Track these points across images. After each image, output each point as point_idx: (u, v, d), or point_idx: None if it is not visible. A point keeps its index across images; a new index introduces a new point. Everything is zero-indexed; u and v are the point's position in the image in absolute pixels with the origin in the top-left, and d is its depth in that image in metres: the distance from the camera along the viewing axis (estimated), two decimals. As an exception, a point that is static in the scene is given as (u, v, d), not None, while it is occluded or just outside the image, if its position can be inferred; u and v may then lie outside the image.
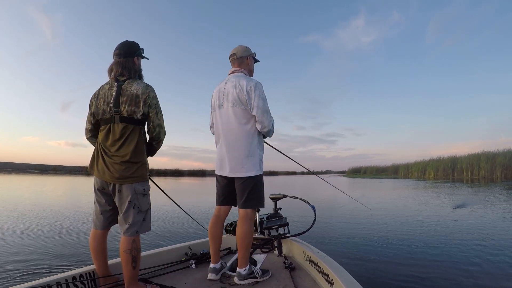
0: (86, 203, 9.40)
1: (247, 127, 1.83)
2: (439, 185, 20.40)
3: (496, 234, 4.87)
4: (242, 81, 1.84)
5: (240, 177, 1.83)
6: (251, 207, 1.84)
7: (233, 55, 1.98)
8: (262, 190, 1.89)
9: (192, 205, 8.69)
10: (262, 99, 1.82)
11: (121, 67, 1.68)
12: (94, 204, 1.71)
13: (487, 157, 33.10)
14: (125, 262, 1.56)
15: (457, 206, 8.45)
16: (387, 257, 3.66)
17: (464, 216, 6.75)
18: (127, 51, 1.72)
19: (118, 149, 1.60)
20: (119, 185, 1.59)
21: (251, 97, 1.80)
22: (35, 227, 5.36)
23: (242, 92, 1.80)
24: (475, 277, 2.97)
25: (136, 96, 1.62)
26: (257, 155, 1.84)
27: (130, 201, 1.58)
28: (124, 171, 1.58)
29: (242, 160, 1.81)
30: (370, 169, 58.61)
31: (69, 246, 4.10)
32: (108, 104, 1.63)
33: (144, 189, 1.64)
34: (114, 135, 1.61)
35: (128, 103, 1.61)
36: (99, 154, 1.65)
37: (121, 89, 1.63)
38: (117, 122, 1.61)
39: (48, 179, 26.05)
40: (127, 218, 1.59)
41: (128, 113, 1.61)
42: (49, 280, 1.54)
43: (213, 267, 1.90)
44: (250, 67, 2.03)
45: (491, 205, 8.82)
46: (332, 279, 1.60)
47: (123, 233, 1.59)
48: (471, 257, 3.62)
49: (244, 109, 1.82)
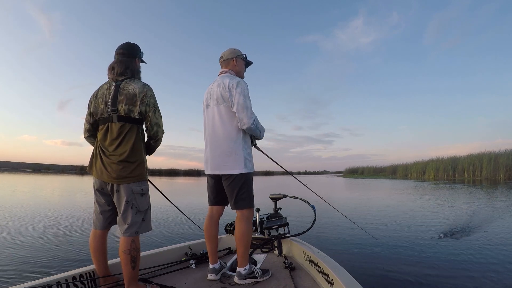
0: (83, 202, 9.42)
1: (231, 125, 1.84)
2: (442, 186, 20.02)
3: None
4: (225, 79, 1.88)
5: (226, 175, 1.83)
6: (243, 207, 1.83)
7: (221, 57, 2.06)
8: (251, 189, 1.88)
9: (191, 205, 8.71)
10: (243, 96, 1.82)
11: (124, 66, 1.69)
12: (94, 204, 1.71)
13: (489, 158, 32.49)
14: (125, 263, 1.56)
15: (472, 210, 7.70)
16: (387, 257, 3.65)
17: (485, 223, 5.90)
18: (130, 51, 1.75)
19: (116, 149, 1.60)
20: (116, 185, 1.58)
21: (232, 94, 1.82)
22: (35, 227, 5.37)
23: (225, 90, 1.84)
24: (476, 277, 2.96)
25: (133, 95, 1.62)
26: (241, 153, 1.83)
27: (128, 201, 1.57)
28: (121, 170, 1.57)
29: (225, 158, 1.82)
30: (367, 170, 57.90)
31: (69, 246, 4.10)
32: (106, 104, 1.63)
33: (142, 189, 1.63)
34: (112, 134, 1.61)
35: (125, 102, 1.61)
36: (97, 154, 1.65)
37: (119, 88, 1.64)
38: (114, 121, 1.62)
39: (39, 178, 25.90)
40: (126, 218, 1.58)
41: (125, 112, 1.61)
42: (49, 280, 1.54)
43: (212, 267, 1.90)
44: (238, 68, 2.05)
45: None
46: (332, 279, 1.59)
47: (122, 234, 1.58)
48: (473, 257, 3.61)
49: (227, 107, 1.84)
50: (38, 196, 11.43)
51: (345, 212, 3.84)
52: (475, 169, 33.35)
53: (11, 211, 7.20)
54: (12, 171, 45.21)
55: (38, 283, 1.50)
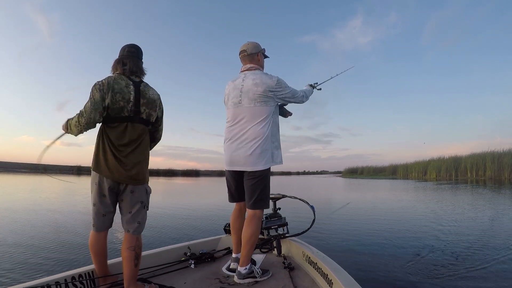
0: (81, 202, 9.44)
1: (264, 123, 1.85)
2: (448, 186, 19.57)
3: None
4: (264, 78, 1.87)
5: (249, 171, 1.84)
6: (260, 207, 1.86)
7: (244, 51, 1.97)
8: (268, 190, 1.91)
9: (191, 205, 8.70)
10: (289, 91, 1.93)
11: (136, 65, 1.71)
12: (95, 206, 1.63)
13: (493, 157, 31.81)
14: (128, 259, 1.57)
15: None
16: (387, 257, 3.63)
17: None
18: (140, 53, 1.78)
19: (134, 150, 1.61)
20: (132, 186, 1.60)
21: (282, 95, 1.90)
22: (34, 227, 5.39)
23: (267, 90, 1.83)
24: (476, 278, 2.94)
25: (154, 100, 1.72)
26: (269, 150, 1.87)
27: (142, 201, 1.64)
28: (140, 172, 1.62)
29: (256, 156, 1.82)
30: (367, 169, 56.87)
31: (68, 246, 4.11)
32: (127, 102, 1.60)
33: (150, 189, 1.74)
34: (131, 135, 1.60)
35: (148, 106, 1.68)
36: (108, 153, 1.56)
37: (139, 91, 1.65)
38: (136, 122, 1.63)
39: (32, 178, 25.75)
40: (137, 217, 1.62)
41: (147, 116, 1.68)
42: (48, 280, 1.54)
43: (235, 257, 1.99)
44: (261, 64, 2.03)
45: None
46: (331, 279, 1.59)
47: (131, 232, 1.61)
48: (475, 258, 3.58)
49: (266, 107, 1.85)
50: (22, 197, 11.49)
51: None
52: (478, 169, 32.71)
53: (8, 210, 7.24)
54: (8, 171, 45.03)
55: (37, 283, 1.50)
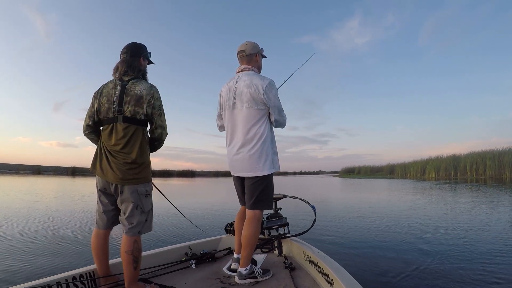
0: (81, 202, 9.44)
1: (261, 127, 1.82)
2: (448, 186, 19.29)
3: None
4: (256, 80, 1.81)
5: (251, 177, 1.82)
6: (260, 208, 1.84)
7: (242, 51, 1.92)
8: (271, 191, 1.89)
9: (191, 205, 8.70)
10: (278, 98, 1.85)
11: (126, 65, 1.69)
12: (97, 204, 1.71)
13: (493, 156, 31.59)
14: (126, 263, 1.57)
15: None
16: (388, 257, 3.63)
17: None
18: (134, 50, 1.74)
19: (122, 149, 1.60)
20: (121, 186, 1.59)
21: (269, 98, 1.79)
22: (34, 227, 5.39)
23: (258, 92, 1.78)
24: (476, 278, 2.94)
25: (140, 96, 1.63)
26: (269, 154, 1.84)
27: (134, 202, 1.60)
28: (127, 172, 1.59)
29: (253, 160, 1.80)
30: (364, 169, 56.56)
31: (69, 246, 4.11)
32: (112, 104, 1.62)
33: (146, 190, 1.66)
34: (117, 135, 1.61)
35: (131, 103, 1.61)
36: (102, 154, 1.64)
37: (125, 89, 1.64)
38: (119, 122, 1.61)
39: (26, 180, 25.51)
40: (131, 218, 1.60)
41: (131, 114, 1.62)
42: (49, 280, 1.54)
43: (237, 257, 1.99)
44: (259, 64, 2.00)
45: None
46: (332, 279, 1.59)
47: (126, 233, 1.60)
48: (478, 258, 3.58)
49: (258, 109, 1.81)
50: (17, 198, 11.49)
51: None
52: (478, 168, 32.49)
53: (7, 210, 7.24)
54: (2, 173, 44.54)
55: (38, 283, 1.50)
